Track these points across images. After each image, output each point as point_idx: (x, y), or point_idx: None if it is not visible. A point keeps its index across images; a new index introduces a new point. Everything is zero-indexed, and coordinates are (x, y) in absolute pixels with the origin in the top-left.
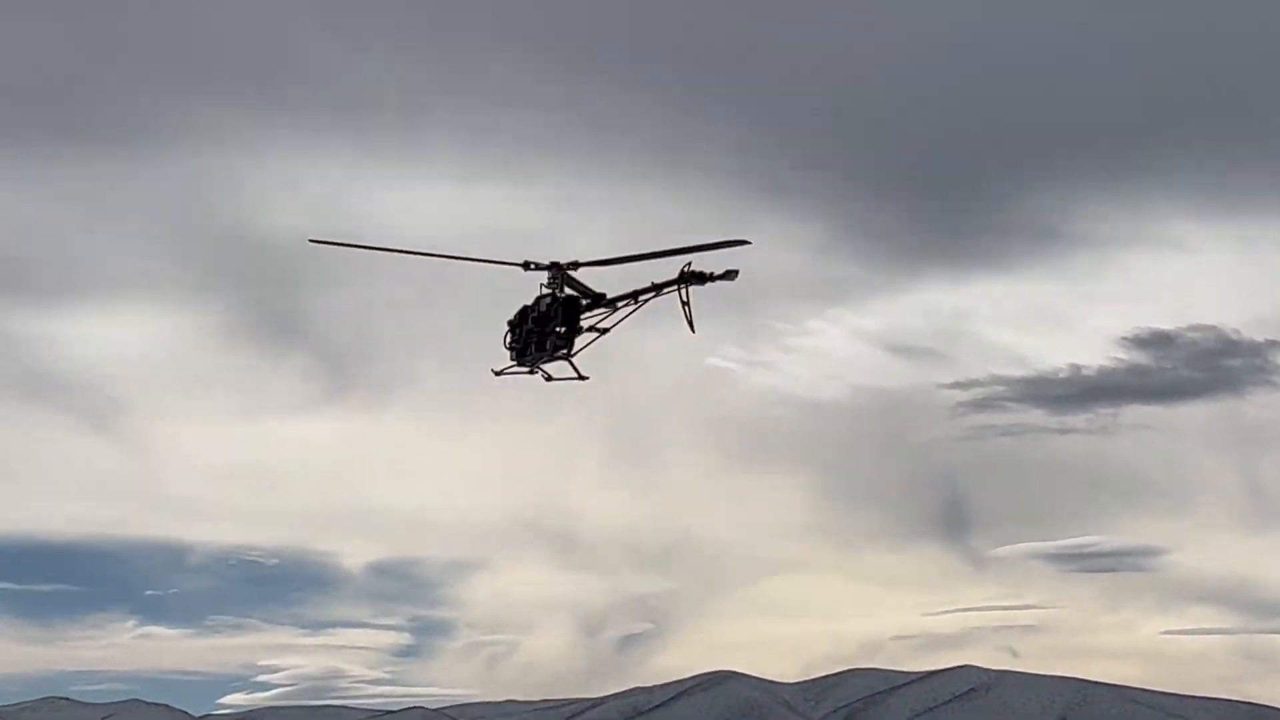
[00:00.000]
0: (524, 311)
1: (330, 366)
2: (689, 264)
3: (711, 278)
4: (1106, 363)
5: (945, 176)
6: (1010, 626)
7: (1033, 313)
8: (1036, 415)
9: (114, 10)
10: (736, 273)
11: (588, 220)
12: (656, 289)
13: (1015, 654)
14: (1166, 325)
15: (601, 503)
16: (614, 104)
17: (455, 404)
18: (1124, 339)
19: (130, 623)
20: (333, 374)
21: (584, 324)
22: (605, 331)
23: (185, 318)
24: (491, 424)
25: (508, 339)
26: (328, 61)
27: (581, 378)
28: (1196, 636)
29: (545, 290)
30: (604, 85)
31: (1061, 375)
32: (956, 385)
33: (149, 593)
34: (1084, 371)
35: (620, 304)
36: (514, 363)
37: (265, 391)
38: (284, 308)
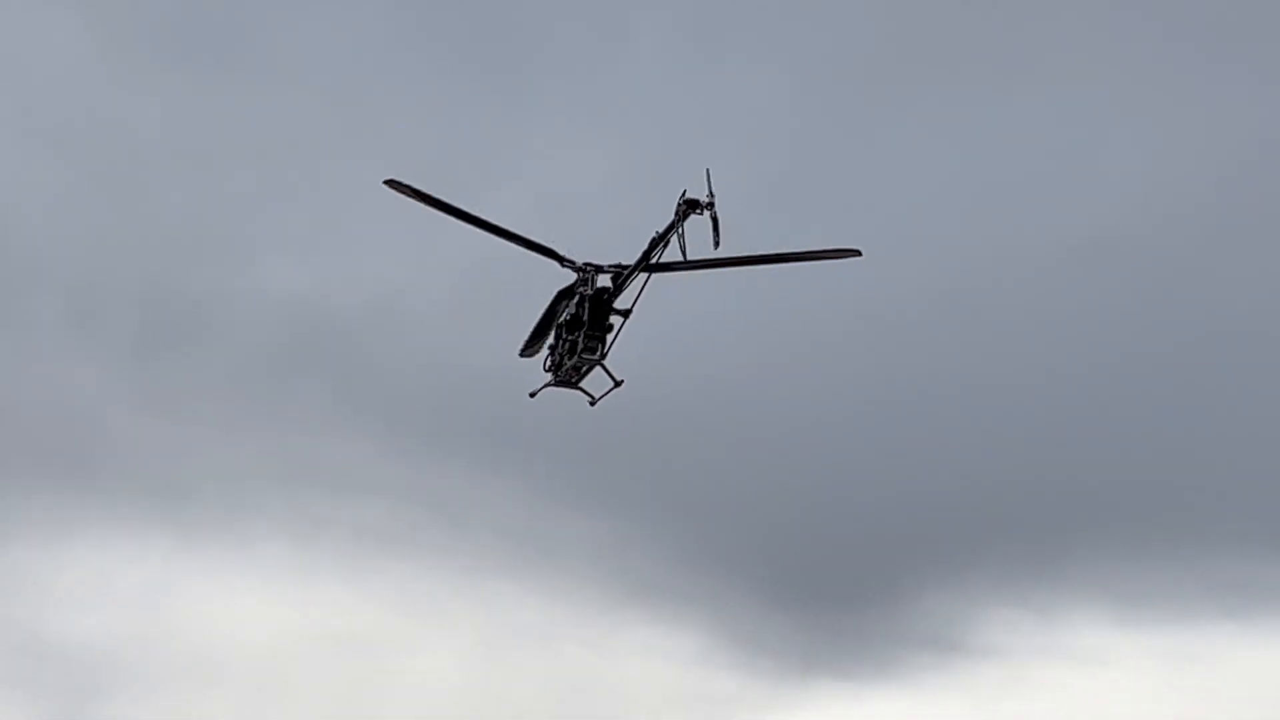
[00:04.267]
0: (558, 325)
1: None
2: (684, 193)
3: (710, 206)
4: None
5: (837, 579)
6: None
7: None
8: None
9: None
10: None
11: (435, 621)
12: (662, 238)
13: None
14: None
15: None
16: (465, 492)
17: None
18: None
19: None
20: None
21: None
22: (627, 315)
23: None
24: None
25: (546, 361)
26: (143, 442)
27: (617, 383)
28: None
29: (576, 293)
30: (453, 471)
31: None
32: None
33: None
34: None
35: (637, 272)
36: (551, 380)
37: None
38: None
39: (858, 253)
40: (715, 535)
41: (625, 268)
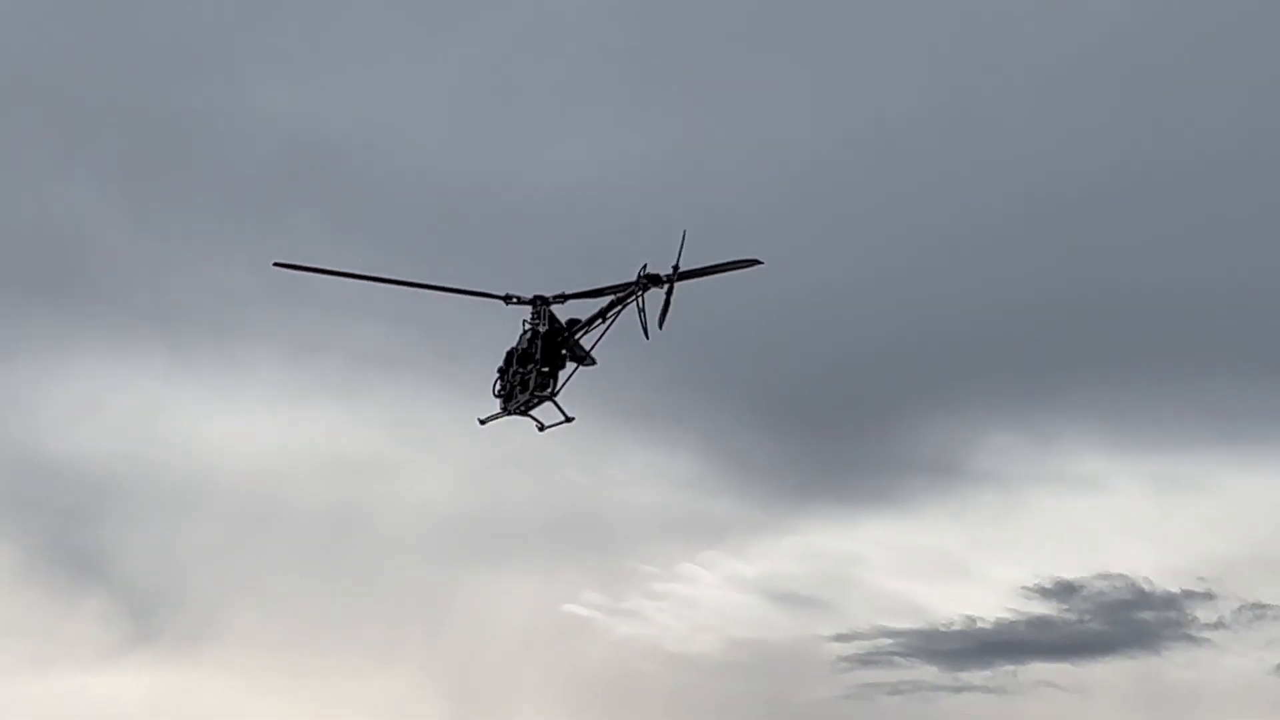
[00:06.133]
0: (509, 354)
1: (133, 611)
2: (645, 266)
3: (669, 279)
4: (1005, 615)
5: (834, 405)
6: None
7: (928, 558)
8: (929, 672)
9: None
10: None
11: (431, 446)
12: (620, 299)
13: None
14: (1072, 574)
15: None
16: (459, 316)
17: (276, 655)
18: (1026, 588)
19: None
20: (136, 619)
21: (564, 355)
22: (583, 360)
23: None
24: (317, 679)
25: (496, 386)
26: (138, 263)
27: (568, 419)
28: None
29: (527, 327)
30: (445, 294)
31: (955, 628)
32: (840, 638)
33: None
34: (980, 624)
35: (593, 324)
36: (500, 410)
37: (58, 640)
38: (81, 544)
39: (760, 261)
40: (708, 359)
41: (578, 305)
